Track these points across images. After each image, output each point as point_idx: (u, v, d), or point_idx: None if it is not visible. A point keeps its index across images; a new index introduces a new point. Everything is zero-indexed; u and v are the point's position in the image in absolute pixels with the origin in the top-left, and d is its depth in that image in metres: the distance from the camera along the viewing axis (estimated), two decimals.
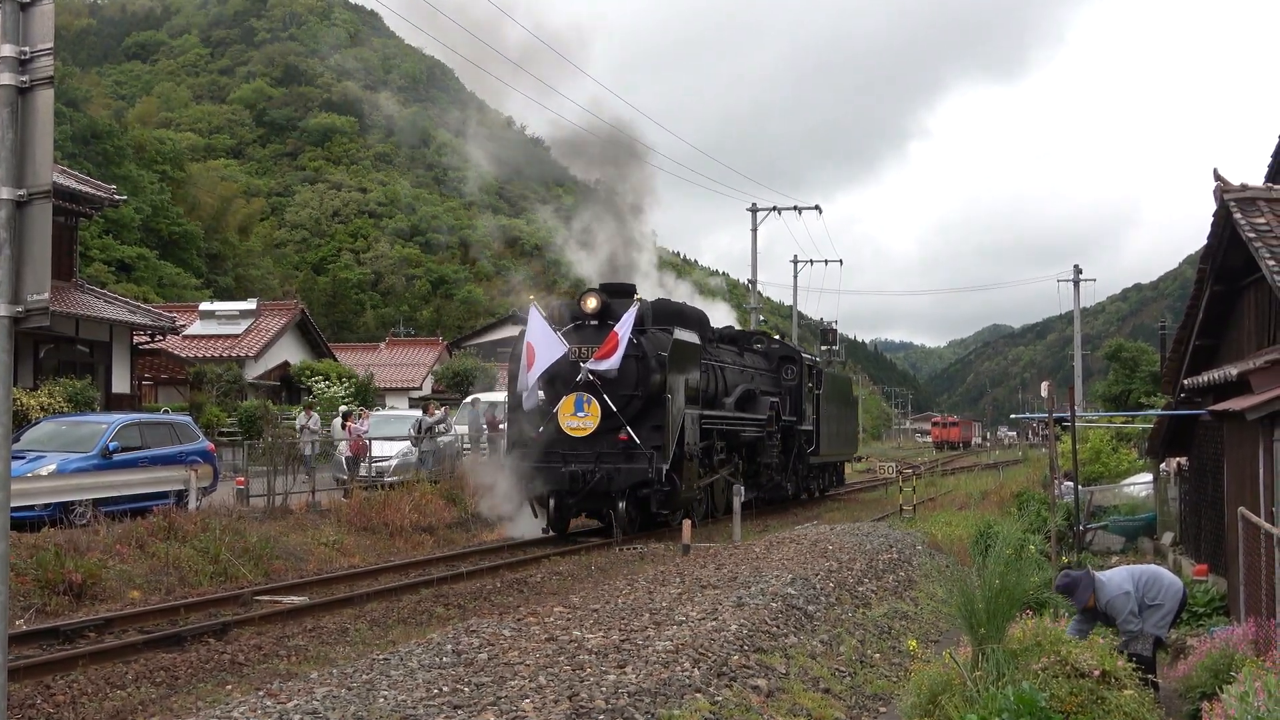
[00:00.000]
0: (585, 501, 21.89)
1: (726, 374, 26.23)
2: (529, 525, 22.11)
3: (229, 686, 10.77)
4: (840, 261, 55.89)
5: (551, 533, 21.82)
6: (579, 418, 21.13)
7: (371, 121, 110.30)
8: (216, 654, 12.11)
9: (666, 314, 23.74)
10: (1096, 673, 8.84)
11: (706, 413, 24.10)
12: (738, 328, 33.45)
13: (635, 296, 22.61)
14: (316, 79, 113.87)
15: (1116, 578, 10.17)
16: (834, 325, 53.44)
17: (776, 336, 34.38)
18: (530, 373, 21.07)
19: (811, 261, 55.40)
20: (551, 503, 21.53)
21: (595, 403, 21.07)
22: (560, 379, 21.35)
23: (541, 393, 21.41)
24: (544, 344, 21.05)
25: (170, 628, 13.06)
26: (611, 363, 20.83)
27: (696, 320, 25.22)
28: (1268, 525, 10.02)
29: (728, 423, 25.56)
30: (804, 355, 32.47)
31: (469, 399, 36.07)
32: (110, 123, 66.78)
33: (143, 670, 11.39)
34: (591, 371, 21.01)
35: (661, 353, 21.64)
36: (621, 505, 21.42)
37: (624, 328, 20.99)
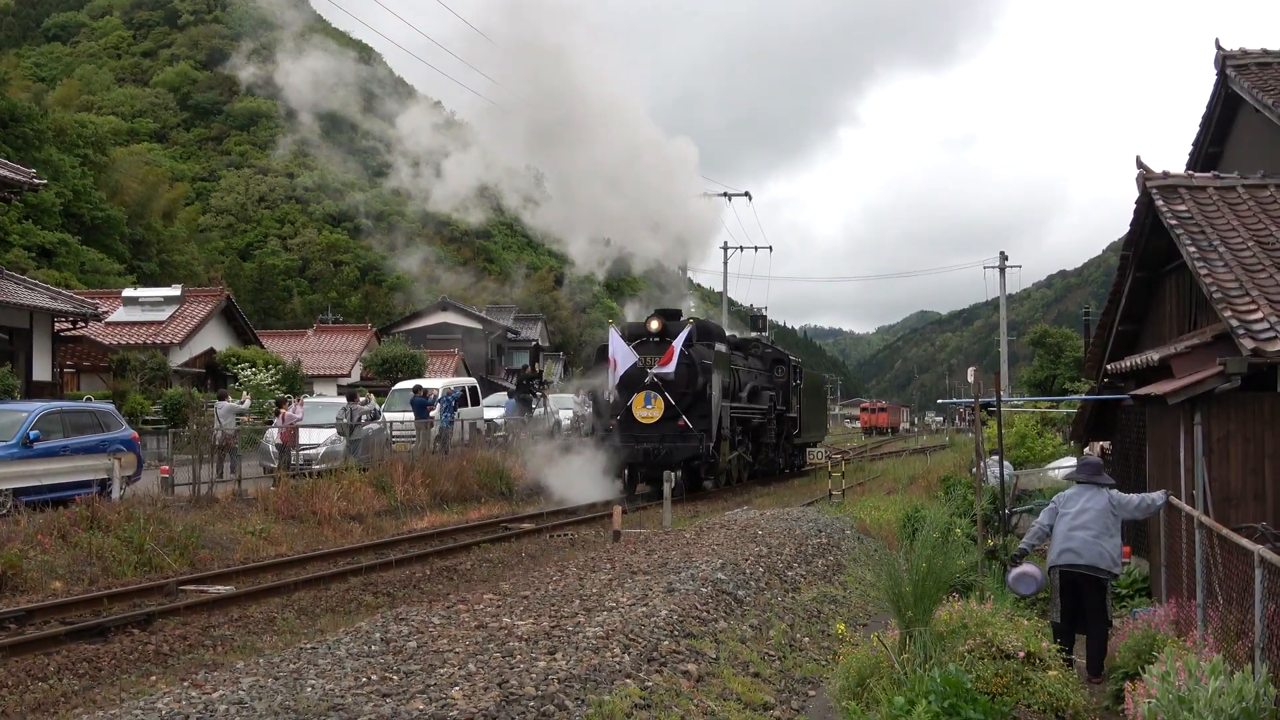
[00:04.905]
0: (651, 470, 27.67)
1: (740, 374, 32.53)
2: (587, 494, 26.91)
3: (153, 678, 10.68)
4: (770, 248, 56.57)
5: (625, 494, 27.71)
6: (647, 409, 27.70)
7: (297, 105, 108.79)
8: (141, 645, 12.00)
9: (699, 330, 30.00)
10: (1021, 654, 8.95)
11: (732, 404, 30.42)
12: (739, 335, 40.33)
13: (685, 319, 29.90)
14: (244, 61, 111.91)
15: (1070, 499, 10.91)
16: (764, 312, 53.66)
17: (769, 343, 40.66)
18: (615, 375, 27.63)
19: (741, 248, 55.74)
20: (626, 472, 28.27)
21: (659, 398, 27.62)
22: (633, 381, 27.65)
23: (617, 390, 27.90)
24: (621, 355, 27.55)
25: (93, 619, 12.93)
26: (670, 368, 27.43)
27: (719, 334, 32.51)
28: (1188, 508, 10.17)
29: (743, 412, 32.14)
30: (790, 358, 38.84)
31: (407, 384, 35.96)
32: (30, 105, 65.23)
33: (65, 662, 11.27)
34: (656, 375, 27.53)
35: (706, 361, 28.43)
36: (678, 473, 26.85)
37: (679, 342, 27.56)
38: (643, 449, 27.50)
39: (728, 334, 36.51)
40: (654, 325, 28.70)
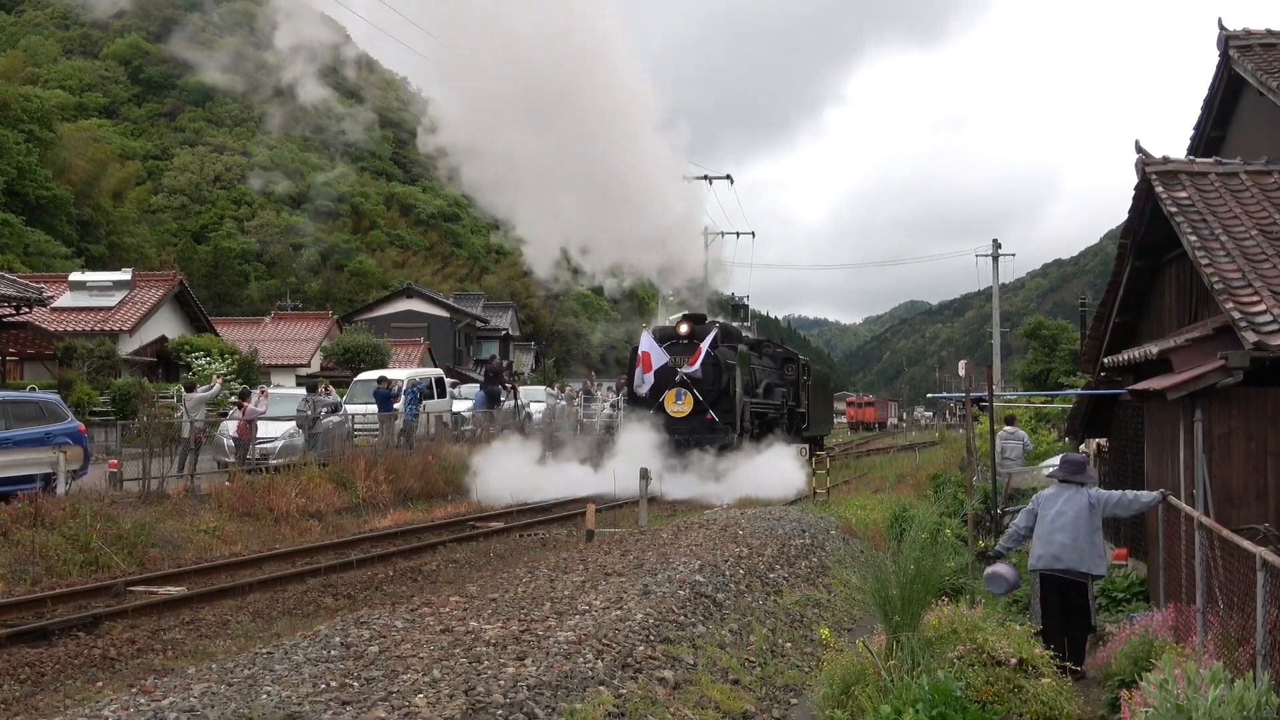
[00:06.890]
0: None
1: (756, 372, 35.51)
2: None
3: (100, 683, 10.63)
4: (753, 234, 56.48)
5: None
6: (678, 404, 30.60)
7: (256, 81, 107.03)
8: (86, 649, 11.93)
9: (722, 333, 33.00)
10: (1014, 661, 8.94)
11: (750, 400, 33.38)
12: (754, 336, 43.55)
13: (711, 321, 33.26)
14: (198, 34, 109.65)
15: (1049, 500, 10.84)
16: (745, 300, 53.37)
17: (779, 343, 43.99)
18: (648, 374, 30.43)
19: (723, 233, 55.37)
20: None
21: (689, 394, 30.54)
22: (665, 378, 30.62)
23: (650, 387, 30.70)
24: (654, 354, 30.52)
25: (36, 621, 12.85)
26: (697, 368, 30.46)
27: (738, 336, 35.18)
28: (1188, 508, 10.02)
29: (760, 406, 34.90)
30: (800, 356, 42.11)
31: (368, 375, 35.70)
32: None
33: (6, 667, 11.15)
34: (685, 374, 30.52)
35: (730, 361, 31.48)
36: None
37: (706, 344, 30.66)
38: (674, 440, 30.17)
39: (745, 335, 39.31)
40: (683, 329, 31.97)
